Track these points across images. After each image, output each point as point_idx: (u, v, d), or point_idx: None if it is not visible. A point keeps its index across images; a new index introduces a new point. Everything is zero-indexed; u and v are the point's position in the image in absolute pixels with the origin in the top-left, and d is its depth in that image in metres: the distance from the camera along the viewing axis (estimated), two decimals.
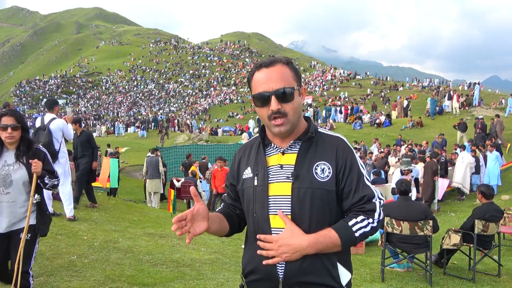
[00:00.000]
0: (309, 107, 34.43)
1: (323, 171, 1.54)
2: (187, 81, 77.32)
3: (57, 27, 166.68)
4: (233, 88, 68.90)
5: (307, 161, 1.55)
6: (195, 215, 1.50)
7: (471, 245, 5.35)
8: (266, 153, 1.63)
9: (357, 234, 1.50)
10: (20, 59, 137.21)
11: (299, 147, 1.59)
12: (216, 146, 20.23)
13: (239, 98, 62.14)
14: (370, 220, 1.53)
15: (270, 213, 1.55)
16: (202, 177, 13.13)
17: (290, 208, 1.53)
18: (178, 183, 12.44)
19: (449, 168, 12.88)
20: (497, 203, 6.06)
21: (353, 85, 56.73)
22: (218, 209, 1.77)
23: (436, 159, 11.31)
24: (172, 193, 9.28)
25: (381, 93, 46.39)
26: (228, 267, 5.08)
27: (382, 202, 1.58)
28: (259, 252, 1.52)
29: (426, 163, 11.23)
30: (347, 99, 43.26)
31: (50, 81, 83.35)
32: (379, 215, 1.55)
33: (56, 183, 3.18)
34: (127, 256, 4.89)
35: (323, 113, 31.99)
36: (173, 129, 39.72)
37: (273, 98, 1.52)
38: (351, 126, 25.89)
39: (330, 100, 43.14)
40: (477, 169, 12.60)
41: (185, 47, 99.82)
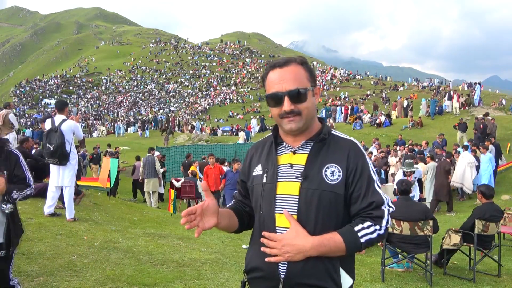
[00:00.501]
0: None
1: (333, 173, 1.52)
2: (187, 81, 77.30)
3: (57, 27, 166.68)
4: (233, 88, 68.91)
5: (317, 163, 1.54)
6: (205, 210, 1.50)
7: (471, 245, 5.34)
8: (277, 152, 1.63)
9: (362, 240, 1.49)
10: (20, 59, 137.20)
11: (310, 147, 1.58)
12: (216, 146, 20.22)
13: (239, 98, 62.16)
14: (377, 227, 1.51)
15: (276, 211, 1.55)
16: (202, 177, 13.13)
17: (296, 208, 1.52)
18: (178, 183, 12.45)
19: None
20: (497, 203, 6.06)
21: (353, 85, 56.75)
22: (228, 205, 1.77)
23: (449, 160, 11.38)
24: (172, 193, 9.29)
25: (381, 93, 46.40)
26: (228, 267, 5.07)
27: (391, 209, 1.56)
28: (262, 249, 1.51)
29: (439, 162, 11.30)
30: (347, 99, 43.28)
31: (50, 81, 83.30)
32: (387, 222, 1.53)
33: (28, 193, 2.78)
34: (127, 256, 4.89)
35: (323, 113, 32.00)
36: (174, 129, 39.72)
37: (286, 98, 1.52)
38: (351, 126, 25.89)
39: (330, 100, 43.16)
40: (478, 168, 12.58)
41: (185, 47, 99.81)
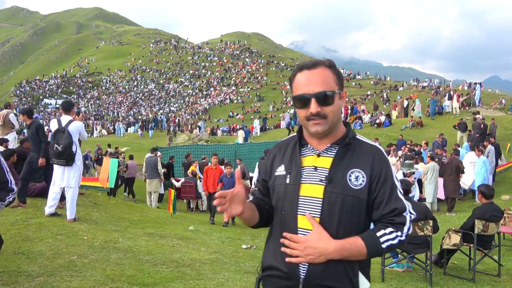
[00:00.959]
0: None
1: (357, 178, 1.53)
2: (187, 81, 77.30)
3: (57, 27, 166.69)
4: (233, 88, 68.91)
5: (342, 167, 1.55)
6: (234, 196, 1.54)
7: (471, 245, 5.34)
8: (301, 153, 1.64)
9: (384, 245, 1.50)
10: (20, 59, 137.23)
11: (335, 151, 1.59)
12: (216, 146, 20.20)
13: (239, 98, 62.16)
14: (398, 233, 1.52)
15: (298, 212, 1.56)
16: (202, 177, 13.14)
17: (320, 211, 1.53)
18: (178, 183, 12.45)
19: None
20: (497, 203, 6.06)
21: (353, 85, 56.75)
22: (250, 200, 1.76)
23: (458, 156, 11.53)
24: (172, 193, 9.29)
25: (381, 93, 46.40)
26: (228, 267, 5.08)
27: (412, 216, 1.57)
28: (283, 249, 1.53)
29: (449, 160, 11.33)
30: (347, 99, 43.26)
31: (50, 81, 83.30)
32: (408, 229, 1.54)
33: (11, 199, 2.66)
34: (127, 256, 4.89)
35: None
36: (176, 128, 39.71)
37: (313, 100, 1.53)
38: (351, 126, 25.87)
39: None
40: None
41: (185, 47, 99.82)
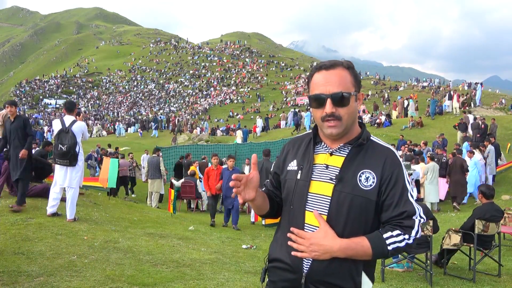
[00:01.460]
0: (309, 107, 34.36)
1: (367, 179, 1.54)
2: (187, 81, 77.31)
3: (57, 27, 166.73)
4: (233, 88, 68.90)
5: (353, 167, 1.56)
6: (249, 181, 1.57)
7: (471, 245, 5.34)
8: (315, 151, 1.66)
9: (390, 247, 1.50)
10: (20, 59, 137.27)
11: (348, 151, 1.60)
12: (216, 146, 20.21)
13: (239, 98, 62.16)
14: (406, 236, 1.51)
15: (307, 208, 1.58)
16: (202, 177, 13.13)
17: (327, 209, 1.55)
18: (178, 183, 12.44)
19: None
20: (497, 203, 6.06)
21: None
22: (262, 189, 1.79)
23: (461, 156, 11.65)
24: (172, 193, 9.29)
25: (382, 93, 46.40)
26: (228, 267, 5.07)
27: (422, 220, 1.56)
28: (289, 243, 1.56)
29: (453, 159, 11.47)
30: None
31: (50, 81, 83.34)
32: (417, 233, 1.53)
33: None
34: (127, 256, 4.89)
35: None
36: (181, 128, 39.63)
37: (328, 101, 1.53)
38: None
39: None
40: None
41: (185, 47, 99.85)
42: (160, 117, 45.14)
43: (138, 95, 74.63)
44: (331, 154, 1.61)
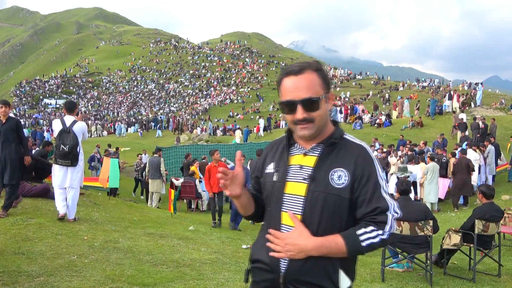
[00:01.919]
0: None
1: (339, 177, 1.56)
2: (187, 81, 77.29)
3: (57, 27, 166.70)
4: (233, 88, 68.88)
5: (325, 166, 1.58)
6: (234, 177, 1.62)
7: (471, 245, 5.34)
8: (289, 152, 1.68)
9: (364, 244, 1.52)
10: (20, 59, 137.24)
11: (320, 150, 1.62)
12: (216, 146, 20.21)
13: (239, 98, 62.14)
14: (380, 231, 1.53)
15: (282, 209, 1.61)
16: (202, 177, 13.13)
17: (302, 208, 1.57)
18: (178, 182, 12.44)
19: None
20: (497, 203, 6.06)
21: (353, 85, 56.74)
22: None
23: (466, 155, 11.67)
24: (172, 193, 9.29)
25: (382, 93, 46.38)
26: (228, 267, 5.07)
27: (396, 215, 1.57)
28: (267, 244, 1.60)
29: (458, 159, 11.54)
30: (347, 99, 43.27)
31: (50, 81, 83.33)
32: (391, 227, 1.55)
33: None
34: (127, 256, 4.89)
35: None
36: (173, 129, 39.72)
37: (299, 107, 1.56)
38: (351, 126, 25.87)
39: None
40: (480, 168, 12.59)
41: (185, 47, 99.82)
42: (161, 117, 45.18)
43: (138, 95, 74.62)
44: (305, 154, 1.64)
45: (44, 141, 15.06)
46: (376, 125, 25.42)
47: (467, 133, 18.07)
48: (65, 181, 5.99)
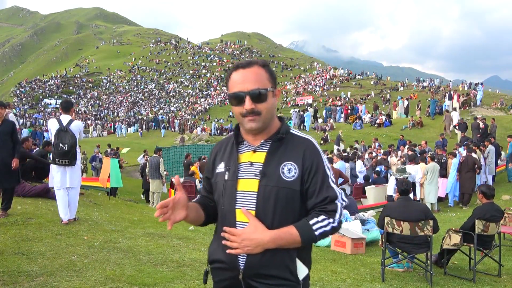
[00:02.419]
0: (309, 107, 34.43)
1: (289, 171, 1.60)
2: (187, 81, 77.30)
3: (57, 27, 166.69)
4: None
5: (275, 160, 1.62)
6: (176, 204, 1.59)
7: (472, 245, 5.34)
8: (238, 150, 1.71)
9: (317, 232, 1.57)
10: (20, 59, 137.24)
11: (269, 146, 1.66)
12: None
13: None
14: (330, 220, 1.59)
15: (236, 207, 1.63)
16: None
17: (255, 204, 1.60)
18: None
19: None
20: (497, 203, 6.06)
21: (353, 85, 56.72)
22: (195, 199, 1.84)
23: (472, 154, 11.78)
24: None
25: (382, 93, 46.36)
26: None
27: (344, 203, 1.65)
28: (223, 242, 1.61)
29: (464, 158, 11.65)
30: (347, 99, 43.27)
31: (50, 81, 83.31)
32: (340, 215, 1.62)
33: None
34: (128, 256, 4.89)
35: (323, 113, 31.99)
36: (173, 129, 39.79)
37: (247, 98, 1.60)
38: (351, 126, 25.88)
39: (330, 100, 43.16)
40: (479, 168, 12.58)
41: (185, 47, 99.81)
42: (162, 117, 45.28)
43: (138, 95, 74.62)
44: (254, 151, 1.67)
45: (44, 141, 15.07)
46: (376, 125, 25.43)
47: (459, 133, 18.21)
48: (65, 181, 5.95)
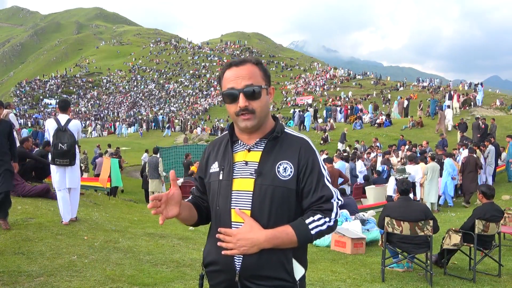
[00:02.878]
0: (309, 107, 34.44)
1: (285, 170, 1.59)
2: (187, 81, 77.30)
3: (57, 27, 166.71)
4: None
5: (271, 160, 1.61)
6: (169, 199, 1.57)
7: (472, 245, 5.34)
8: (233, 150, 1.69)
9: (313, 232, 1.55)
10: (20, 59, 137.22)
11: (264, 145, 1.64)
12: None
13: None
14: (327, 219, 1.58)
15: (232, 207, 1.61)
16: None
17: (251, 203, 1.58)
18: (178, 182, 12.45)
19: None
20: (497, 203, 6.06)
21: (353, 85, 56.71)
22: (188, 199, 1.81)
23: (473, 154, 11.84)
24: None
25: (382, 93, 46.36)
26: None
27: (340, 202, 1.64)
28: (219, 243, 1.58)
29: (466, 158, 11.73)
30: (347, 99, 43.26)
31: (50, 81, 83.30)
32: (336, 214, 1.61)
33: None
34: (128, 256, 4.89)
35: (323, 113, 31.99)
36: (173, 129, 39.79)
37: (241, 95, 1.58)
38: (351, 126, 25.88)
39: (330, 100, 43.16)
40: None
41: (185, 47, 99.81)
42: (162, 117, 45.31)
43: (138, 95, 74.62)
44: (249, 150, 1.65)
45: (44, 141, 15.06)
46: (376, 125, 25.43)
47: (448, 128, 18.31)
48: (64, 182, 5.93)
